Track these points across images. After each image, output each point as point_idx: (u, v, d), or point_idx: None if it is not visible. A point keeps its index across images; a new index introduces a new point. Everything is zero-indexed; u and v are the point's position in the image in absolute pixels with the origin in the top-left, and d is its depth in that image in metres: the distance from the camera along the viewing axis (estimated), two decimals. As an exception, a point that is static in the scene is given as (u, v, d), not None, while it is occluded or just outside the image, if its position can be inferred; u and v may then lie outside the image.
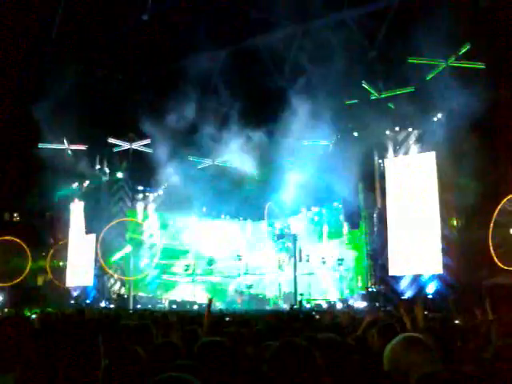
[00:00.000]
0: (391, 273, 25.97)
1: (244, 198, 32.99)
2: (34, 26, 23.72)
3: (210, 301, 7.96)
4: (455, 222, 24.92)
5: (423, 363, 3.20)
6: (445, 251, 24.23)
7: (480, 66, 22.84)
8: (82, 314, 8.84)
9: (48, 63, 24.11)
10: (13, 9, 22.46)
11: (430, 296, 24.17)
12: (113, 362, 3.45)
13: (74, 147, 30.52)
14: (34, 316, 11.39)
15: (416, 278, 25.30)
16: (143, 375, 3.49)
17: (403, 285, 25.67)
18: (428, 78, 24.48)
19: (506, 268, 21.99)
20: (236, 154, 29.04)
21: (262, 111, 26.86)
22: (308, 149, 29.39)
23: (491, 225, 22.55)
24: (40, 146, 29.14)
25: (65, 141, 30.11)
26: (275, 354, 3.03)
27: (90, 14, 23.37)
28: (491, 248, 22.28)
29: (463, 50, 23.29)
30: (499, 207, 22.71)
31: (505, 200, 22.77)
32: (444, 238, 24.38)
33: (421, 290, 24.76)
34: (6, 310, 21.91)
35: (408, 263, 25.44)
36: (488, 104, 20.18)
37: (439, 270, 24.27)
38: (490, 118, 21.28)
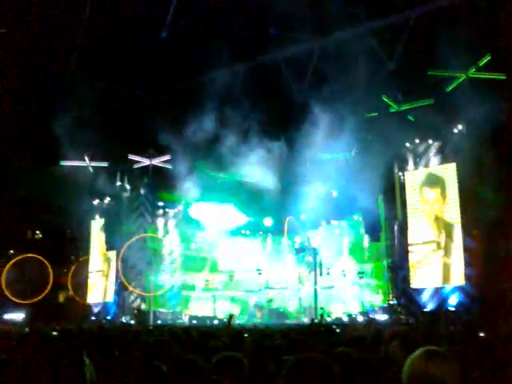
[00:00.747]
0: (413, 285, 25.74)
1: (264, 213, 33.01)
2: (57, 45, 24.05)
3: (231, 317, 7.94)
4: (478, 233, 24.64)
5: (443, 377, 3.14)
6: (467, 262, 23.97)
7: (500, 76, 22.69)
8: (102, 329, 8.85)
9: (69, 81, 24.37)
10: (36, 28, 22.80)
11: (452, 308, 23.89)
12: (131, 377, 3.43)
13: (95, 164, 30.76)
14: (54, 333, 11.42)
15: (438, 291, 25.02)
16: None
17: (425, 297, 25.39)
18: (448, 90, 24.37)
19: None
20: (256, 168, 29.04)
21: (282, 125, 26.97)
22: (328, 161, 29.35)
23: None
24: (62, 163, 29.41)
25: (86, 158, 30.36)
26: (291, 369, 2.98)
27: (111, 33, 23.61)
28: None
29: (483, 61, 23.16)
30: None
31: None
32: (466, 249, 24.12)
33: (443, 303, 24.47)
34: (26, 328, 21.98)
35: (430, 275, 25.21)
36: (509, 115, 20.04)
37: (462, 282, 23.99)
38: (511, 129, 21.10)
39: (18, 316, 30.98)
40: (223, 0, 22.13)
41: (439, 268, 24.85)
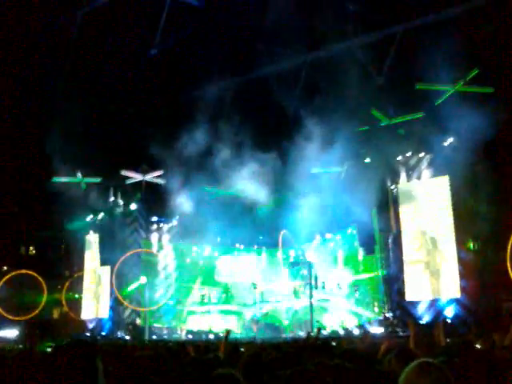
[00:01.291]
0: (408, 298, 25.72)
1: (258, 227, 33.01)
2: (47, 60, 24.07)
3: (228, 332, 7.92)
4: (472, 245, 24.70)
5: None
6: (462, 274, 23.99)
7: (489, 90, 22.86)
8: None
9: (61, 97, 24.40)
10: (27, 44, 22.85)
11: (448, 320, 23.87)
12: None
13: (87, 180, 30.72)
14: (49, 349, 11.35)
15: (433, 303, 25.02)
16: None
17: (420, 309, 25.37)
18: (437, 104, 24.52)
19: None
20: (249, 183, 29.07)
21: (275, 139, 27.00)
22: (321, 175, 29.41)
23: (509, 247, 22.35)
24: (54, 179, 29.35)
25: (79, 174, 30.33)
26: (287, 382, 2.98)
27: (101, 50, 23.69)
28: (509, 270, 22.05)
29: (471, 75, 23.33)
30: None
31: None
32: (461, 261, 24.14)
33: (439, 315, 24.44)
34: (20, 346, 21.84)
35: (425, 287, 25.22)
36: (499, 127, 20.20)
37: (457, 294, 23.99)
38: (503, 141, 21.26)
39: (11, 333, 30.75)
40: (213, 16, 22.19)
41: (434, 280, 24.87)
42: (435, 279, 24.84)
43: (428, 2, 20.79)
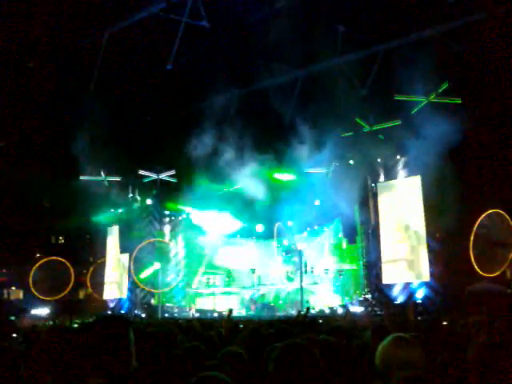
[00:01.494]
0: (385, 281, 25.79)
1: (256, 219, 33.04)
2: (75, 73, 24.06)
3: (230, 311, 7.93)
4: (439, 235, 24.72)
5: (410, 360, 3.16)
6: (431, 261, 24.05)
7: (457, 101, 22.87)
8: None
9: (87, 107, 24.37)
10: (60, 58, 22.85)
11: (419, 301, 23.91)
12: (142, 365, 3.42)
13: (109, 178, 30.70)
14: (75, 325, 11.37)
15: (406, 286, 25.08)
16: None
17: (395, 292, 25.44)
18: (412, 112, 24.53)
19: (484, 275, 21.81)
20: (249, 182, 29.07)
21: (272, 143, 27.02)
22: (311, 175, 29.41)
23: (471, 237, 22.42)
24: (81, 178, 29.35)
25: (102, 173, 30.31)
26: (280, 354, 3.00)
27: (125, 64, 23.67)
28: (472, 258, 22.12)
29: (442, 88, 23.34)
30: (478, 222, 22.61)
31: (483, 216, 22.68)
32: (430, 249, 24.20)
33: (411, 296, 24.50)
34: (50, 322, 21.86)
35: (399, 272, 25.26)
36: (465, 134, 20.22)
37: (427, 278, 24.04)
38: (467, 146, 21.30)
39: (43, 311, 30.76)
40: (220, 37, 22.26)
41: (407, 266, 24.91)
42: (408, 265, 24.89)
43: (405, 24, 20.77)
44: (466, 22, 19.96)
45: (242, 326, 8.11)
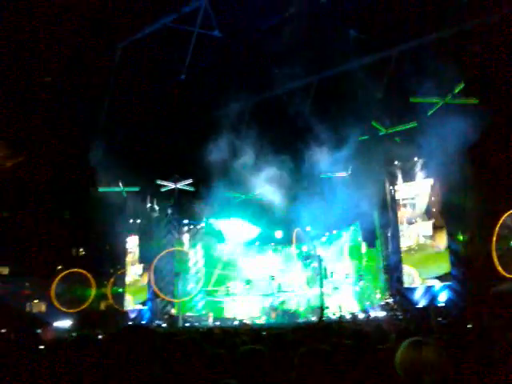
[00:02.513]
0: (406, 285, 25.56)
1: (275, 226, 33.02)
2: (91, 89, 24.37)
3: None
4: (461, 237, 24.49)
5: (428, 362, 3.15)
6: (453, 263, 23.82)
7: (474, 101, 22.70)
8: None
9: (105, 120, 24.71)
10: (76, 74, 23.20)
11: (442, 304, 23.68)
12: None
13: (128, 189, 30.95)
14: (100, 336, 11.46)
15: (428, 289, 24.83)
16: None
17: (417, 295, 25.19)
18: (429, 114, 24.39)
19: (508, 276, 21.55)
20: (268, 188, 29.12)
21: (289, 150, 27.05)
22: (329, 180, 29.37)
23: (494, 238, 22.17)
24: (100, 189, 29.63)
25: (120, 184, 30.56)
26: (301, 359, 3.02)
27: (140, 76, 23.93)
28: (494, 259, 21.86)
29: (458, 89, 23.18)
30: (500, 222, 22.36)
31: (505, 216, 22.44)
32: (452, 251, 23.98)
33: (433, 299, 24.27)
34: (73, 333, 22.02)
35: (420, 276, 25.05)
36: (483, 134, 20.06)
37: (449, 281, 23.81)
38: (486, 146, 21.12)
39: (65, 323, 30.99)
40: (231, 46, 22.42)
41: (429, 269, 24.70)
42: (430, 268, 24.67)
43: (420, 26, 20.72)
44: (481, 21, 19.84)
45: (264, 333, 8.12)
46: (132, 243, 33.11)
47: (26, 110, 23.47)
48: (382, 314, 26.14)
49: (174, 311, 30.91)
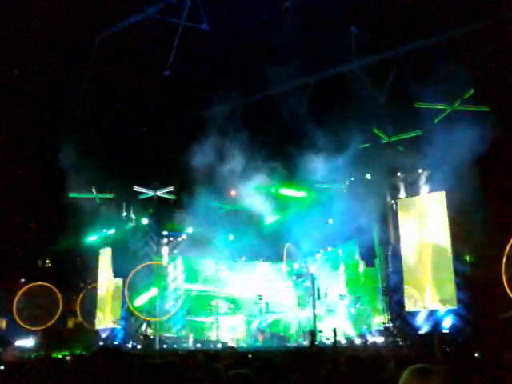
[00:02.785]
0: (407, 308, 25.54)
1: (263, 240, 32.98)
2: (64, 81, 24.29)
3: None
4: (468, 258, 24.57)
5: None
6: (459, 286, 23.85)
7: (484, 109, 22.87)
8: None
9: (77, 117, 24.56)
10: (45, 66, 23.10)
11: (446, 330, 23.70)
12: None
13: (101, 196, 30.81)
14: (68, 358, 11.36)
15: (432, 313, 24.85)
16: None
17: (419, 320, 25.19)
18: (435, 122, 24.54)
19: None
20: (255, 199, 29.10)
21: (279, 156, 27.06)
22: (324, 191, 29.40)
23: (504, 259, 22.24)
24: (71, 195, 29.46)
25: (93, 189, 30.42)
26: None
27: (117, 72, 23.88)
28: (505, 282, 21.92)
29: (467, 95, 23.36)
30: (510, 242, 22.44)
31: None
32: (457, 273, 24.02)
33: (437, 325, 24.27)
34: (34, 354, 21.81)
35: (423, 299, 25.05)
36: (495, 144, 20.16)
37: (454, 305, 23.83)
38: (498, 157, 21.22)
39: (28, 342, 30.70)
40: (220, 40, 22.44)
41: (432, 291, 24.71)
42: (433, 291, 24.69)
43: (427, 25, 20.87)
44: (495, 21, 20.01)
45: (250, 355, 8.08)
46: (105, 255, 32.91)
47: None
48: (380, 339, 26.12)
49: (150, 331, 30.72)
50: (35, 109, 24.66)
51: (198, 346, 29.51)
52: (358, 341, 27.16)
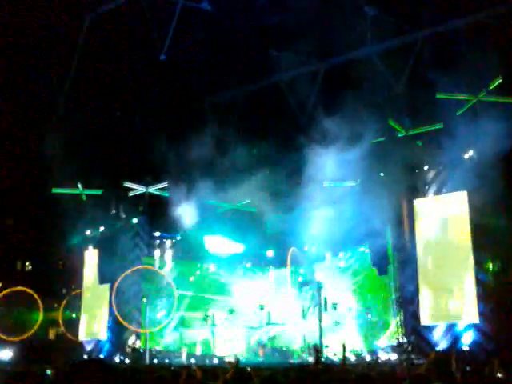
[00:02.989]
0: (423, 322, 25.45)
1: (266, 243, 32.93)
2: (48, 69, 24.22)
3: (238, 361, 7.82)
4: (491, 266, 24.47)
5: None
6: (480, 297, 23.72)
7: (513, 100, 22.83)
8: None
9: (62, 104, 24.50)
10: (29, 45, 23.05)
11: (466, 347, 23.58)
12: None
13: (88, 192, 30.77)
14: (48, 372, 11.28)
15: (450, 328, 24.74)
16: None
17: (437, 335, 25.08)
18: (458, 114, 24.47)
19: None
20: (257, 197, 29.04)
21: (284, 150, 26.98)
22: (332, 190, 29.33)
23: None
24: (53, 190, 29.42)
25: (79, 185, 30.38)
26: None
27: (107, 56, 23.83)
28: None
29: (494, 84, 23.27)
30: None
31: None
32: (479, 282, 23.90)
33: (456, 341, 24.16)
34: (15, 368, 21.78)
35: (441, 311, 24.95)
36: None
37: (475, 319, 23.70)
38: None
39: (5, 355, 30.65)
40: (224, 21, 22.36)
41: (451, 303, 24.63)
42: (452, 303, 24.59)
43: (449, 6, 20.76)
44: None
45: (249, 369, 8.00)
46: (91, 258, 32.88)
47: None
48: (393, 356, 26.08)
49: (139, 344, 30.68)
50: (14, 95, 24.63)
51: (193, 361, 29.47)
52: (368, 357, 27.10)
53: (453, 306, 24.54)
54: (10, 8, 20.87)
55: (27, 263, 37.19)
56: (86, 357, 30.72)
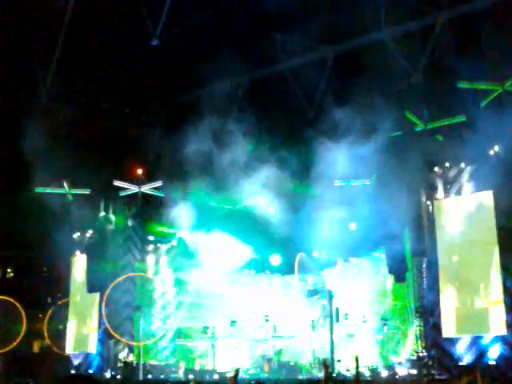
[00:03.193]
0: (445, 334, 25.38)
1: (271, 249, 32.92)
2: (35, 54, 24.34)
3: (237, 372, 7.78)
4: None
5: None
6: (509, 307, 23.68)
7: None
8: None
9: (47, 96, 24.56)
10: (13, 34, 23.15)
11: (493, 362, 23.51)
12: None
13: (75, 191, 30.81)
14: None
15: (475, 341, 24.67)
16: None
17: (460, 349, 25.02)
18: (482, 105, 24.41)
19: None
20: (261, 197, 29.03)
21: (291, 144, 26.97)
22: (344, 190, 29.29)
23: None
24: (37, 190, 29.46)
25: (65, 184, 30.42)
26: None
27: (95, 41, 23.90)
28: None
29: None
30: None
31: None
32: (507, 291, 23.84)
33: (482, 355, 24.10)
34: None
35: (465, 323, 24.88)
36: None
37: (503, 331, 23.65)
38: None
39: (-15, 369, 30.78)
40: (220, 3, 22.41)
41: (476, 314, 24.56)
42: (477, 313, 24.52)
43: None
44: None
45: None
46: (78, 264, 32.93)
47: None
48: (412, 371, 25.99)
49: (132, 358, 30.70)
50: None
51: (191, 376, 29.47)
52: (384, 373, 27.02)
53: (478, 317, 24.47)
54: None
55: (8, 270, 37.29)
56: (73, 372, 30.78)
